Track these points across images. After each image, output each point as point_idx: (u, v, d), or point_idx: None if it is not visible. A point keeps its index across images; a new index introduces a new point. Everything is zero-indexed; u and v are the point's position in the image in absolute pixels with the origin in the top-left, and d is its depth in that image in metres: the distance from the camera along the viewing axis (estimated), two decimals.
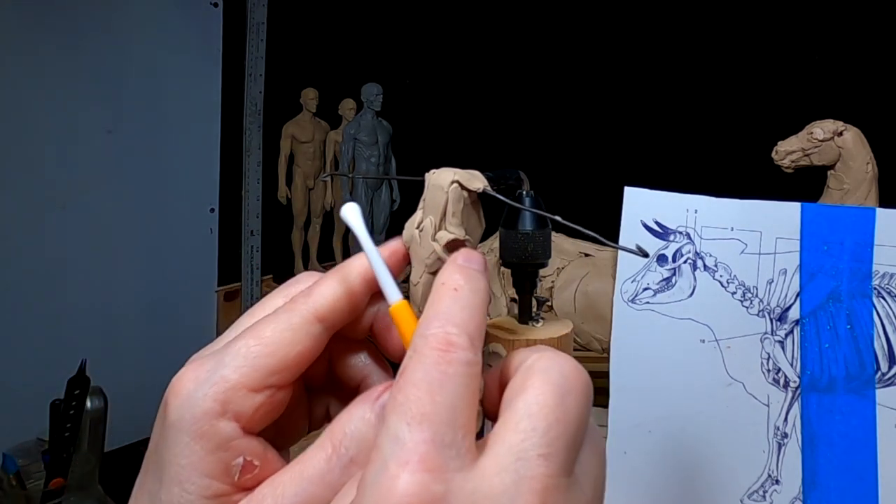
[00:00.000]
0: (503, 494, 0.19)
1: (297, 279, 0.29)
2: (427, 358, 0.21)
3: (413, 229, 0.30)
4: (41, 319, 1.18)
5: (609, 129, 1.07)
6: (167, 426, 0.24)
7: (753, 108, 0.93)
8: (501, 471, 0.19)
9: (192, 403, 0.23)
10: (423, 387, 0.20)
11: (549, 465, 0.20)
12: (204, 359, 0.25)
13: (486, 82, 1.21)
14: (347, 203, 0.27)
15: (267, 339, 0.24)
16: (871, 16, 0.86)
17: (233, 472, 0.24)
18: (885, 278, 0.51)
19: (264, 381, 0.24)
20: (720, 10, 0.97)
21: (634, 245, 0.28)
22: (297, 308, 0.25)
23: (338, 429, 0.24)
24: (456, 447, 0.20)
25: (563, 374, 0.21)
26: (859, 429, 0.50)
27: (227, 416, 0.23)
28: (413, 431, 0.19)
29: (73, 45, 1.19)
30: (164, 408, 0.24)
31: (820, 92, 0.88)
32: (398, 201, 1.26)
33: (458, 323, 0.22)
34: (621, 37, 1.06)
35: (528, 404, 0.21)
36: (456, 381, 0.21)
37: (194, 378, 0.24)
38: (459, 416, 0.20)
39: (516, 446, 0.20)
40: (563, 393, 0.21)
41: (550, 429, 0.20)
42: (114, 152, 1.26)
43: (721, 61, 0.97)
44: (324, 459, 0.23)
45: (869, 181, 0.60)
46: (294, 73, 1.36)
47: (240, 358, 0.24)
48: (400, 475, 0.19)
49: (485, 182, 0.31)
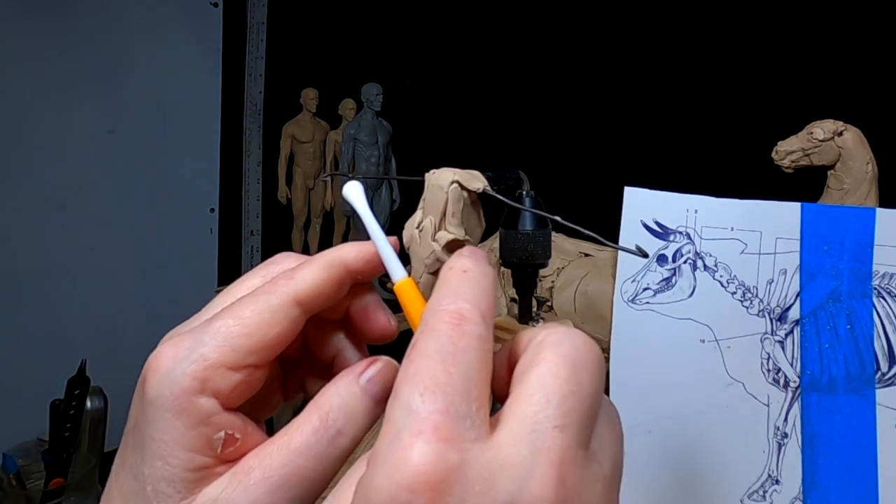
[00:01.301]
0: (520, 465, 0.19)
1: (275, 259, 0.29)
2: (439, 332, 0.21)
3: (413, 229, 0.30)
4: (41, 319, 1.18)
5: (609, 129, 1.07)
6: (146, 402, 0.24)
7: (753, 108, 0.93)
8: (517, 442, 0.19)
9: (171, 381, 0.24)
10: (435, 358, 0.20)
11: (564, 437, 0.19)
12: (182, 336, 0.25)
13: (487, 82, 1.21)
14: (350, 181, 0.27)
15: (246, 319, 0.25)
16: (871, 16, 0.86)
17: (215, 445, 0.24)
18: (885, 278, 0.51)
19: (243, 360, 0.24)
20: (720, 10, 0.97)
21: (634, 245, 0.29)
22: (278, 289, 0.25)
23: (324, 402, 0.25)
24: (470, 418, 0.19)
25: (575, 347, 0.21)
26: (859, 429, 0.50)
27: (206, 394, 0.24)
28: (426, 402, 0.19)
29: (73, 46, 1.19)
30: (142, 384, 0.24)
31: (820, 92, 0.88)
32: (398, 201, 1.26)
33: (470, 300, 0.22)
34: (621, 37, 1.06)
35: (542, 377, 0.20)
36: (469, 354, 0.20)
37: (173, 355, 0.24)
38: (473, 388, 0.20)
39: (531, 418, 0.19)
40: (575, 365, 0.21)
41: (565, 400, 0.20)
42: (114, 152, 1.26)
43: (721, 61, 0.97)
44: (310, 432, 0.24)
45: (869, 181, 0.60)
46: (294, 73, 1.36)
47: (219, 337, 0.24)
48: (414, 444, 0.18)
49: (485, 182, 0.31)
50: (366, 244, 0.28)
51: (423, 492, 0.18)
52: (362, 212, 0.26)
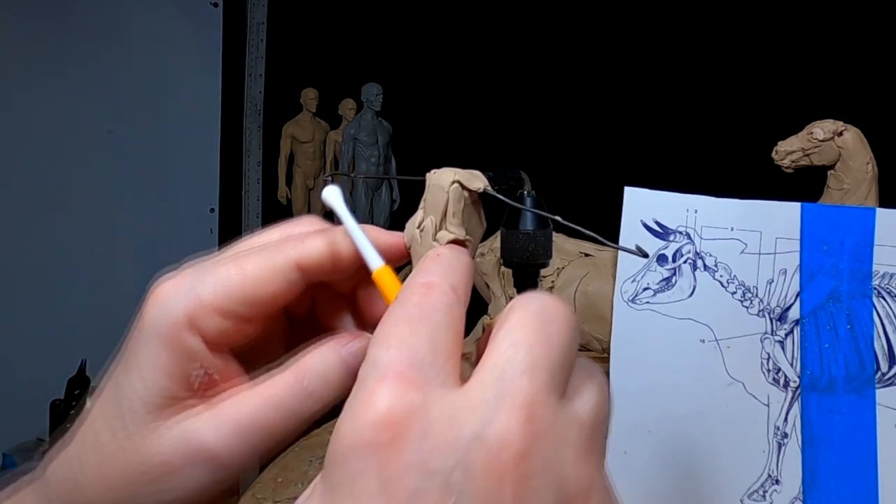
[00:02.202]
0: (486, 405, 0.19)
1: (298, 221, 0.29)
2: (407, 300, 0.21)
3: (414, 229, 0.30)
4: (41, 319, 1.18)
5: (609, 129, 1.07)
6: (142, 326, 0.25)
7: (753, 108, 0.93)
8: (484, 388, 0.19)
9: (165, 312, 0.25)
10: (402, 319, 0.21)
11: (532, 382, 0.19)
12: (188, 272, 0.26)
13: (487, 82, 1.21)
14: (328, 186, 0.29)
15: (247, 271, 0.26)
16: (871, 16, 0.86)
17: (192, 381, 0.25)
18: (885, 278, 0.51)
19: (234, 309, 0.25)
20: (720, 10, 0.97)
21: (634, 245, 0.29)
22: (285, 251, 0.26)
23: (304, 363, 0.26)
24: (437, 368, 0.20)
25: (543, 304, 0.21)
26: (859, 429, 0.50)
27: (193, 331, 0.25)
28: (391, 354, 0.20)
29: (73, 46, 1.19)
30: (142, 309, 0.26)
31: (820, 92, 0.88)
32: (398, 201, 1.26)
33: (440, 274, 0.22)
34: (621, 37, 1.06)
35: (510, 331, 0.20)
36: (436, 315, 0.21)
37: (174, 288, 0.26)
38: (440, 343, 0.20)
39: (499, 367, 0.20)
40: (543, 319, 0.21)
41: (532, 349, 0.20)
42: (114, 152, 1.26)
43: (721, 61, 0.97)
44: (284, 387, 0.25)
45: (869, 181, 0.60)
46: (294, 73, 1.36)
47: (218, 282, 0.25)
48: (377, 389, 0.19)
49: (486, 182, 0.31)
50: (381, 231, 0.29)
51: (385, 428, 0.18)
52: (339, 210, 0.28)
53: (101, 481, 0.25)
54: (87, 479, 0.25)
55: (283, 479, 0.79)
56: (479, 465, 0.18)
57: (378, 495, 0.18)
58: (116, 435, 0.25)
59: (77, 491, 0.25)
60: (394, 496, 0.18)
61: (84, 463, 0.26)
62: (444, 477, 0.18)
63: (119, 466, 0.25)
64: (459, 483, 0.18)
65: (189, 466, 0.25)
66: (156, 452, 0.25)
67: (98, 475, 0.25)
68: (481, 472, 0.18)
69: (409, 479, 0.18)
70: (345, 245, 0.27)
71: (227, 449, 0.25)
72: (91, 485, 0.25)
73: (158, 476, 0.25)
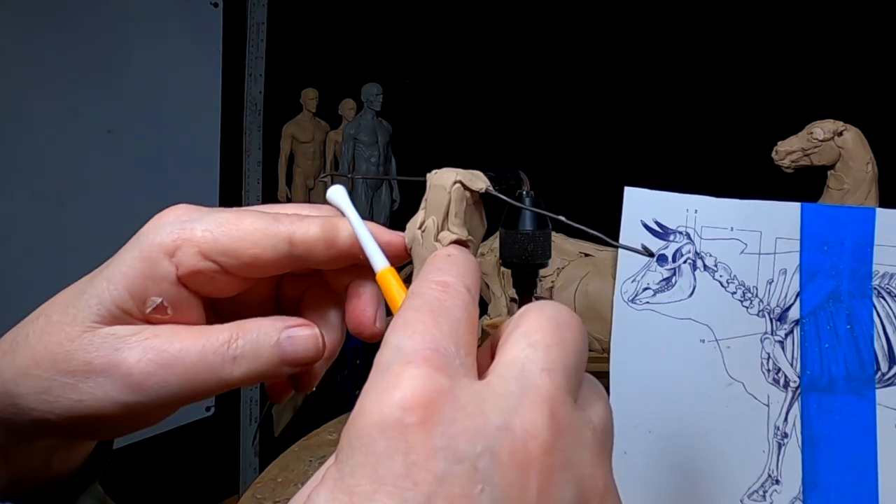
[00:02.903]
0: (511, 396, 0.19)
1: (319, 208, 0.30)
2: (426, 293, 0.21)
3: (415, 230, 0.30)
4: None
5: (609, 129, 1.07)
6: (137, 235, 0.27)
7: (753, 108, 0.93)
8: (506, 381, 0.19)
9: (159, 231, 0.27)
10: (423, 310, 0.20)
11: (552, 380, 0.19)
12: (200, 208, 0.28)
13: (487, 82, 1.21)
14: (333, 186, 0.29)
15: (241, 227, 0.27)
16: (871, 16, 0.86)
17: (147, 304, 0.26)
18: (885, 278, 0.51)
19: (214, 255, 0.26)
20: (720, 10, 0.97)
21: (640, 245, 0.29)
22: (283, 222, 0.27)
23: (244, 326, 0.27)
24: (460, 359, 0.20)
25: (556, 309, 0.22)
26: (859, 429, 0.50)
27: (171, 259, 0.26)
28: (416, 340, 0.19)
29: (73, 46, 1.19)
30: (150, 221, 0.28)
31: (820, 92, 0.88)
32: (398, 201, 1.26)
33: (455, 274, 0.22)
34: (621, 37, 1.06)
35: (527, 333, 0.20)
36: (456, 311, 0.21)
37: (176, 216, 0.28)
38: (461, 336, 0.20)
39: (519, 361, 0.20)
40: (558, 323, 0.21)
41: (550, 350, 0.20)
42: (114, 152, 1.26)
43: (721, 61, 0.97)
44: (217, 342, 0.26)
45: (869, 181, 0.60)
46: (294, 73, 1.36)
47: (212, 225, 0.27)
48: (404, 371, 0.18)
49: (487, 182, 0.31)
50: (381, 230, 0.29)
51: (415, 408, 0.18)
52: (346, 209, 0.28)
53: (31, 354, 0.26)
54: (22, 347, 0.26)
55: (282, 479, 0.79)
56: (505, 453, 0.18)
57: (404, 478, 0.17)
58: (65, 318, 0.26)
59: (11, 353, 0.27)
60: (420, 480, 0.17)
61: (29, 332, 0.27)
62: (472, 463, 0.17)
63: (51, 346, 0.26)
64: (487, 470, 0.18)
65: (104, 375, 0.25)
66: (83, 350, 0.26)
67: (31, 347, 0.26)
68: (508, 461, 0.18)
69: (436, 462, 0.17)
70: (342, 235, 0.27)
71: (143, 374, 0.25)
72: (22, 356, 0.26)
73: (76, 372, 0.25)
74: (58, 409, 0.25)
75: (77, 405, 0.25)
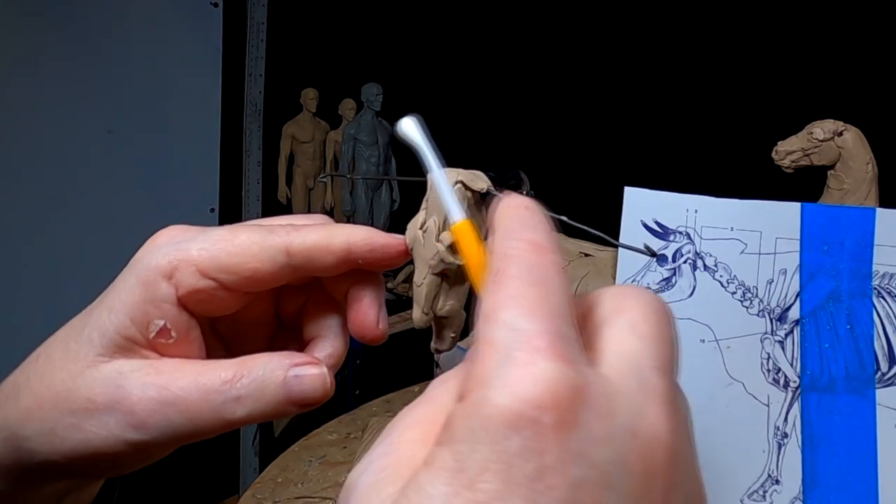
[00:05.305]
0: (633, 395, 0.18)
1: (311, 217, 0.30)
2: (523, 258, 0.19)
3: (416, 230, 0.30)
4: (41, 319, 1.18)
5: (609, 129, 1.07)
6: (130, 265, 0.27)
7: (753, 108, 0.93)
8: (623, 375, 0.18)
9: (154, 254, 0.26)
10: (526, 281, 0.19)
11: (664, 378, 0.19)
12: (192, 228, 0.28)
13: (487, 82, 1.21)
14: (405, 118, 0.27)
15: (237, 242, 0.26)
16: (871, 16, 0.86)
17: (150, 329, 0.26)
18: (885, 278, 0.51)
19: (213, 272, 0.26)
20: (720, 10, 0.97)
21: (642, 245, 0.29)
22: (278, 233, 0.27)
23: (249, 364, 0.26)
24: (578, 344, 0.18)
25: (656, 299, 0.20)
26: (859, 429, 0.50)
27: (170, 281, 0.26)
28: (532, 322, 0.18)
29: (73, 46, 1.19)
30: (143, 246, 0.27)
31: (820, 92, 0.88)
32: (398, 201, 1.26)
33: (542, 232, 0.21)
34: (621, 37, 1.06)
35: (633, 323, 0.19)
36: (556, 280, 0.19)
37: (171, 237, 0.27)
38: (569, 313, 0.19)
39: (630, 356, 0.19)
40: (662, 317, 0.20)
41: (660, 345, 0.19)
42: (114, 152, 1.26)
43: (721, 61, 0.97)
44: (220, 380, 0.25)
45: (869, 181, 0.60)
46: (294, 73, 1.36)
47: (208, 243, 0.26)
48: (535, 362, 0.17)
49: (488, 183, 0.31)
50: (377, 233, 0.28)
51: (551, 409, 0.16)
52: (421, 149, 0.25)
53: (33, 396, 0.26)
54: (24, 389, 0.26)
55: (282, 479, 0.79)
56: (634, 460, 0.17)
57: (536, 481, 0.16)
58: (66, 355, 0.26)
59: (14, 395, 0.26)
60: (554, 485, 0.16)
61: (30, 374, 0.27)
62: (604, 469, 0.17)
63: (53, 385, 0.25)
64: (618, 476, 0.17)
65: (108, 412, 0.25)
66: (87, 386, 0.25)
67: (33, 389, 0.26)
68: (637, 468, 0.17)
69: (571, 468, 0.16)
70: (338, 241, 0.27)
71: (146, 411, 0.25)
72: (25, 398, 0.26)
73: (79, 410, 0.25)
74: (63, 449, 0.25)
75: (82, 445, 0.25)
